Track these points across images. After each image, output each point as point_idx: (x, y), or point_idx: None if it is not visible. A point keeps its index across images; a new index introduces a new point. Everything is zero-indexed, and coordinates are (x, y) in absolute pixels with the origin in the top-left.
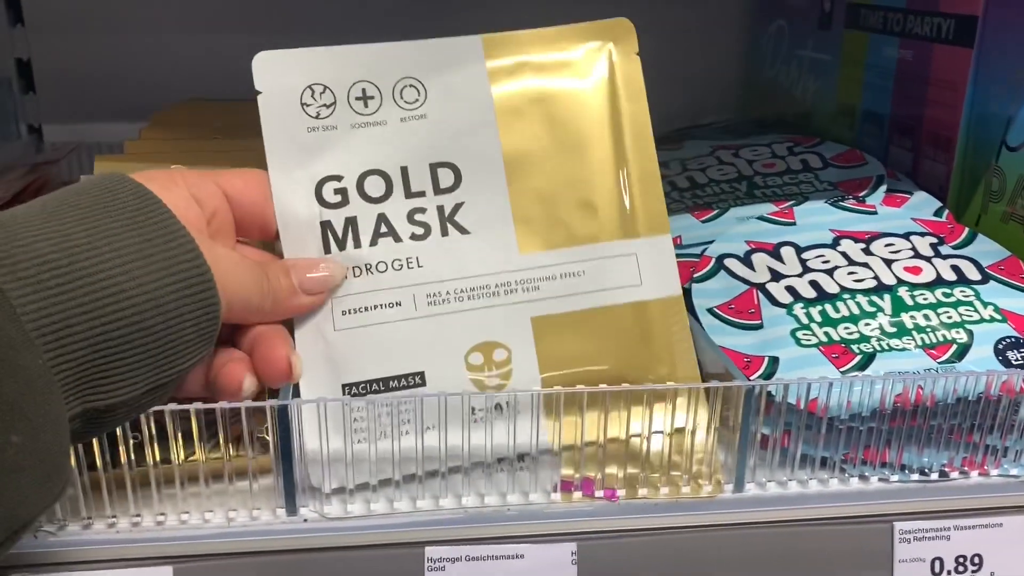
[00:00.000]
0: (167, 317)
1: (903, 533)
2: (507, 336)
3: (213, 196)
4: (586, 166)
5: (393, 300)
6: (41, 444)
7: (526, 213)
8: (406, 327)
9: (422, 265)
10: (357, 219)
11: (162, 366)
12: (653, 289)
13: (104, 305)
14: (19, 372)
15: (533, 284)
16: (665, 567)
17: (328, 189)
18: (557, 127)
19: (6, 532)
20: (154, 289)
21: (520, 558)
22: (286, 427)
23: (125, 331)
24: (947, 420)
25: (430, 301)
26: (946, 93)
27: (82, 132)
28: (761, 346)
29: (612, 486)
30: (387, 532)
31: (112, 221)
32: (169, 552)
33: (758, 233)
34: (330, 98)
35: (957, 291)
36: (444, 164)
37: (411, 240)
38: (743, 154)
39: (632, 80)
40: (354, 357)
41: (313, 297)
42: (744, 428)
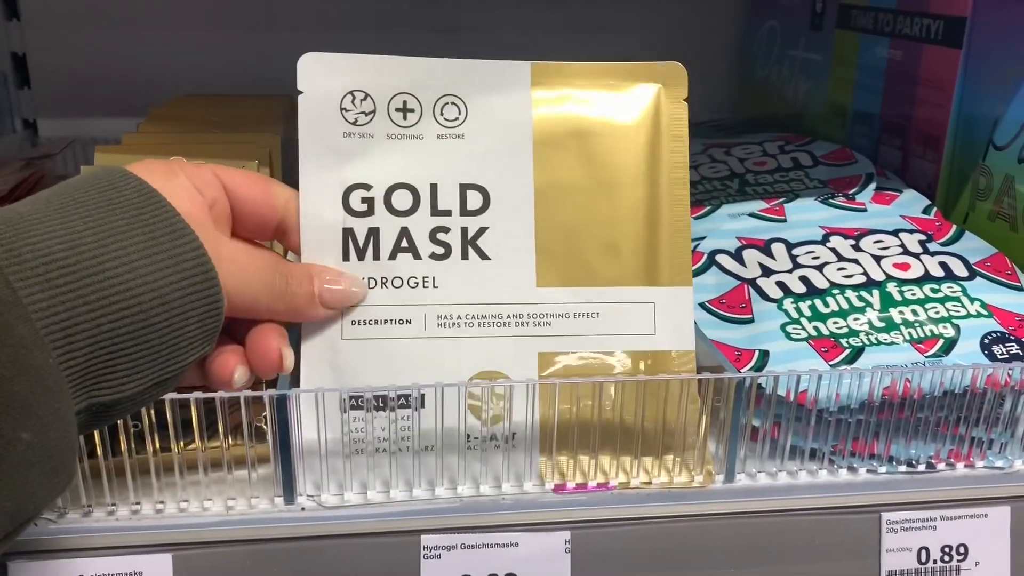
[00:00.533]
0: (172, 315)
1: (890, 523)
2: (512, 368)
3: (211, 186)
4: (617, 208)
5: (404, 317)
6: (50, 441)
7: (549, 246)
8: (413, 346)
9: (438, 286)
10: (380, 230)
11: (166, 362)
12: (666, 341)
13: (111, 303)
14: (31, 371)
15: (545, 319)
16: (657, 555)
17: (355, 197)
18: (593, 164)
19: (12, 525)
20: (160, 287)
21: (515, 546)
22: (284, 417)
23: (131, 329)
24: (934, 413)
25: (440, 323)
26: (935, 93)
27: (77, 127)
28: (752, 340)
29: (606, 479)
30: (383, 520)
31: (118, 219)
32: (168, 540)
33: (749, 230)
34: (370, 106)
35: (945, 287)
36: (474, 187)
37: (430, 259)
38: (735, 152)
39: (677, 127)
40: (358, 367)
41: (330, 311)
42: (735, 419)
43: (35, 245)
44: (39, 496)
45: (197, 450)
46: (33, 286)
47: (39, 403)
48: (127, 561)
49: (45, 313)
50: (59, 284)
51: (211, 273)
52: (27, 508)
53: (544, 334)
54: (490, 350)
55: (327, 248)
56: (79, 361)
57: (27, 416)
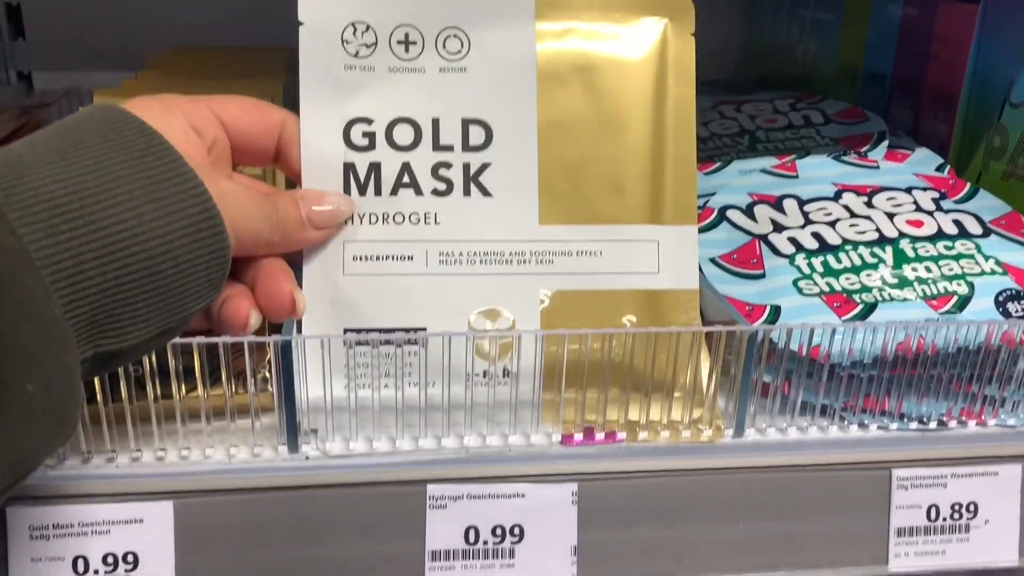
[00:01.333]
0: (178, 262)
1: (900, 480)
2: (513, 305)
3: (210, 124)
4: (621, 144)
5: (406, 253)
6: (54, 393)
7: (552, 183)
8: (415, 282)
9: (439, 222)
10: (381, 165)
11: (173, 309)
12: (670, 279)
13: (116, 251)
14: (37, 322)
15: (548, 257)
16: (664, 508)
17: (356, 131)
18: (598, 100)
19: (15, 476)
20: (165, 234)
21: (521, 497)
22: (289, 363)
23: (137, 276)
24: (947, 370)
25: (442, 260)
26: (950, 50)
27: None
28: (763, 295)
29: (613, 430)
30: (389, 470)
31: (119, 162)
32: (169, 487)
33: (761, 186)
34: (372, 38)
35: (958, 244)
36: (477, 121)
37: (432, 195)
38: (745, 109)
39: (683, 62)
40: (359, 303)
41: (320, 232)
42: (745, 373)
43: (37, 190)
44: (43, 447)
45: (199, 398)
46: (37, 232)
47: (45, 355)
48: (128, 508)
49: (50, 261)
50: (63, 231)
51: (217, 219)
52: (30, 459)
53: (546, 272)
54: (492, 287)
55: (328, 183)
56: (84, 311)
57: (33, 368)
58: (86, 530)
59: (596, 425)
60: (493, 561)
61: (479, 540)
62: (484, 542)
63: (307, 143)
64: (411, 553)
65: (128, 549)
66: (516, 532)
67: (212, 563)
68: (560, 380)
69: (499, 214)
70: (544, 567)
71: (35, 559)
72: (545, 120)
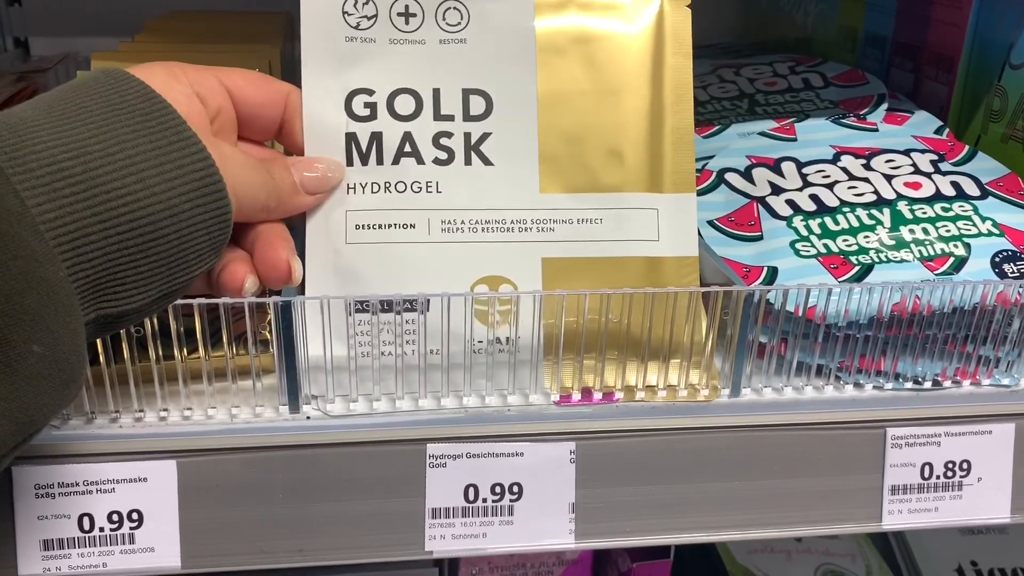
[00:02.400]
0: (180, 226)
1: (895, 439)
2: (515, 273)
3: (216, 93)
4: (620, 113)
5: (408, 222)
6: (61, 354)
7: (552, 152)
8: (417, 250)
9: (441, 191)
10: (383, 135)
11: (174, 274)
12: (670, 247)
13: (120, 215)
14: (42, 285)
15: (549, 225)
16: (661, 466)
17: (358, 102)
18: (596, 70)
19: (23, 435)
20: (168, 198)
21: (520, 456)
22: (289, 324)
23: (140, 240)
24: (942, 330)
25: (444, 228)
26: (951, 12)
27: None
28: (760, 256)
29: (611, 390)
30: (389, 429)
31: (122, 126)
32: (173, 447)
33: (759, 148)
34: (372, 10)
35: (956, 206)
36: (477, 92)
37: (433, 164)
38: (744, 72)
39: (680, 32)
40: (361, 272)
41: (313, 197)
42: (742, 334)
43: (40, 154)
44: (49, 407)
45: (201, 359)
46: (40, 196)
47: (50, 316)
48: (132, 467)
49: (53, 224)
50: (66, 195)
51: (220, 184)
52: (37, 419)
53: (547, 239)
54: (493, 255)
55: (330, 153)
56: (88, 274)
57: (39, 329)
58: (91, 488)
59: (594, 386)
60: (492, 518)
61: (478, 498)
62: (483, 500)
63: (309, 114)
64: (412, 511)
65: (132, 507)
66: (515, 490)
67: (215, 521)
68: (558, 341)
69: (500, 183)
70: (543, 524)
71: (41, 517)
72: (544, 90)
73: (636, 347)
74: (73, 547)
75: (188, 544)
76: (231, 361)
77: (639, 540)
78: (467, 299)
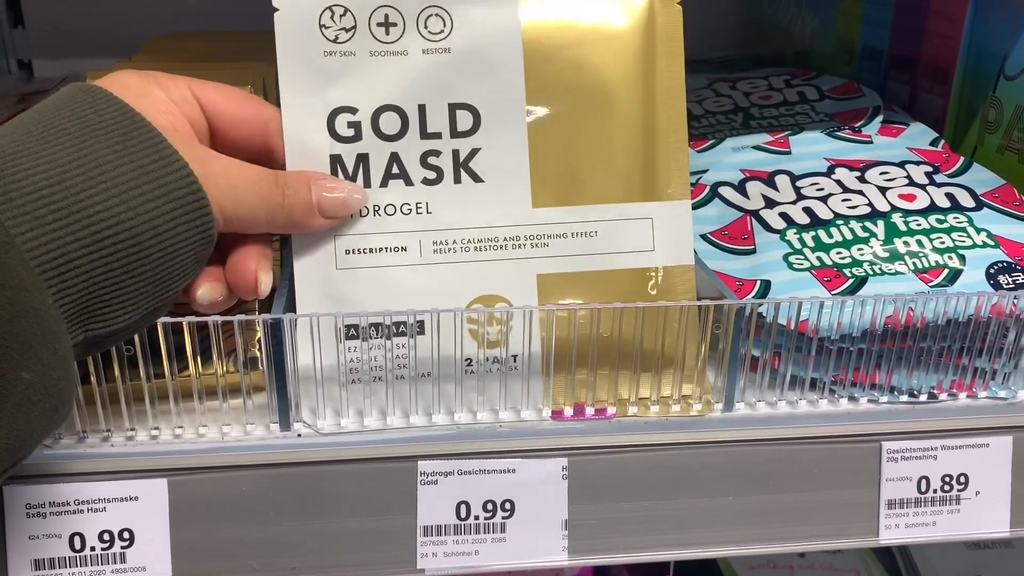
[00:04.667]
0: (165, 245)
1: (891, 452)
2: (510, 291)
3: (186, 103)
4: (612, 122)
5: (399, 244)
6: (50, 380)
7: (544, 166)
8: (409, 273)
9: (431, 211)
10: (369, 156)
11: (160, 291)
12: (665, 256)
13: (103, 238)
14: (30, 313)
15: (543, 241)
16: (654, 481)
17: (341, 122)
18: (586, 77)
19: (12, 460)
20: (152, 218)
21: (512, 472)
22: (279, 342)
23: (125, 261)
24: (937, 343)
25: (436, 249)
26: (945, 24)
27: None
28: (753, 270)
29: (603, 406)
30: (380, 447)
31: (102, 147)
32: (164, 465)
33: (753, 162)
34: (350, 21)
35: (951, 218)
36: (464, 106)
37: (423, 184)
38: (740, 87)
39: (671, 34)
40: (353, 297)
41: (329, 220)
42: (734, 348)
43: (20, 182)
44: (39, 432)
45: (192, 378)
46: (23, 224)
47: (39, 343)
48: (123, 486)
49: (38, 252)
50: (49, 222)
51: (203, 201)
52: (27, 444)
53: (542, 255)
54: (488, 274)
55: None
56: (74, 298)
57: (28, 356)
58: (82, 507)
59: (586, 401)
60: (485, 536)
61: (470, 515)
62: (475, 517)
63: (290, 135)
64: (403, 528)
65: (124, 526)
66: (507, 507)
67: (206, 539)
68: (549, 356)
69: (491, 199)
70: (535, 541)
71: (32, 536)
72: (534, 101)
73: (628, 362)
74: (64, 566)
75: (179, 563)
76: (221, 379)
77: (633, 556)
78: (458, 315)
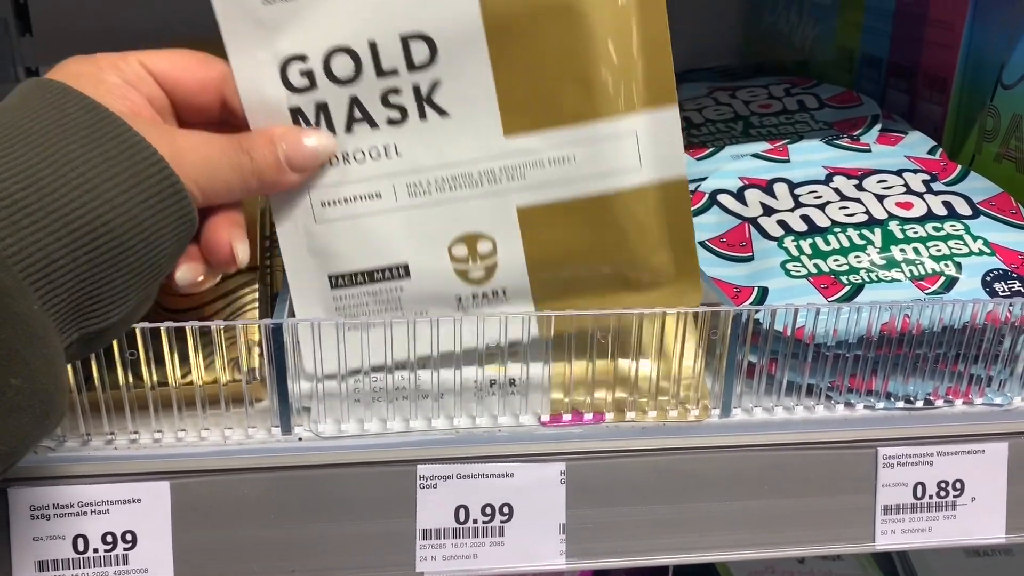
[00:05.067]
0: (146, 234)
1: (887, 458)
2: (491, 227)
3: (144, 81)
4: (582, 32)
5: (373, 191)
6: (39, 385)
7: (512, 89)
8: (388, 218)
9: (400, 153)
10: (328, 105)
11: (147, 280)
12: (654, 171)
13: (83, 235)
14: (16, 319)
15: (519, 172)
16: (652, 486)
17: (294, 71)
18: None
19: (3, 466)
20: (128, 209)
21: (510, 476)
22: (280, 346)
23: (109, 257)
24: (933, 349)
25: (411, 192)
26: (944, 33)
27: None
28: (751, 277)
29: (601, 410)
30: (380, 451)
31: (69, 143)
32: (166, 468)
33: (752, 170)
34: None
35: (947, 225)
36: (417, 36)
37: (388, 125)
38: (740, 95)
39: None
40: (337, 249)
41: (301, 174)
42: (731, 354)
43: None
44: (30, 438)
45: (195, 385)
46: (1, 232)
47: (26, 349)
48: (126, 488)
49: (19, 258)
50: (27, 226)
51: (178, 184)
52: (18, 450)
53: (519, 187)
54: (466, 212)
55: None
56: (63, 299)
57: (15, 362)
58: (85, 510)
59: (583, 405)
60: (483, 539)
61: (469, 519)
62: (474, 520)
63: (246, 94)
64: (402, 531)
65: (126, 528)
66: (505, 511)
67: (208, 541)
68: (547, 359)
69: (460, 133)
70: (534, 545)
71: (36, 538)
72: (492, 19)
73: (626, 367)
74: (68, 568)
75: (181, 564)
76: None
77: (630, 560)
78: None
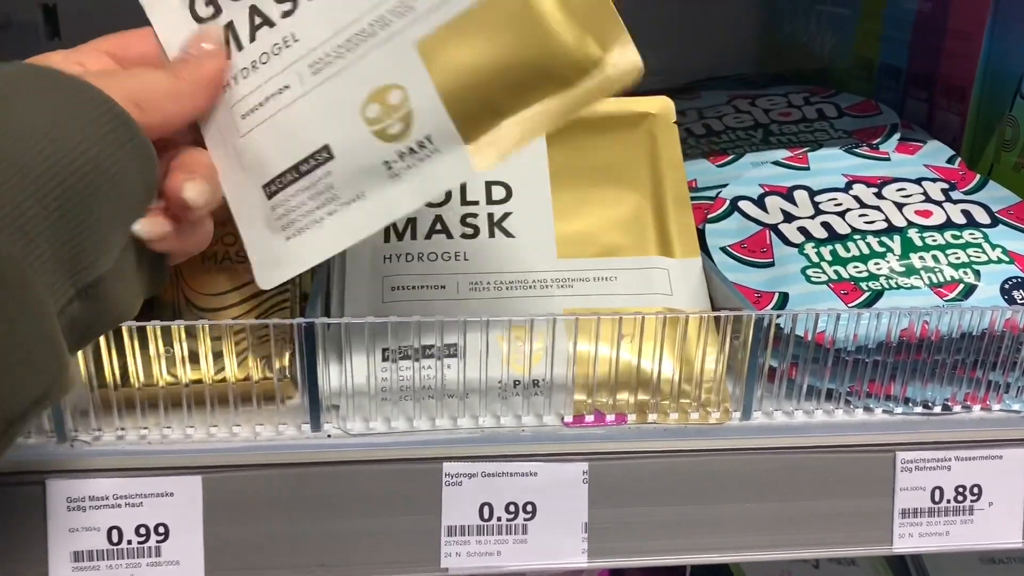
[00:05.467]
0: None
1: (905, 463)
2: (397, 74)
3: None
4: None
5: (281, 85)
6: (20, 336)
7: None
8: (300, 106)
9: (298, 39)
10: (233, 23)
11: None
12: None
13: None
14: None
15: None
16: (672, 487)
17: (200, 4)
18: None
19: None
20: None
21: (534, 475)
22: (312, 346)
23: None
24: (951, 355)
25: (314, 70)
26: (963, 43)
27: None
28: (772, 282)
29: (623, 412)
30: (407, 448)
31: (16, 101)
32: (198, 463)
33: (772, 177)
34: None
35: (966, 234)
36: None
37: (282, 18)
38: (759, 103)
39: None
40: (263, 156)
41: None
42: (752, 358)
43: None
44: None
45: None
46: None
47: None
48: (159, 482)
49: None
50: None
51: (125, 115)
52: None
53: (412, 20)
54: (368, 67)
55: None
56: (44, 250)
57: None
58: (120, 502)
59: (606, 407)
60: (507, 536)
61: (493, 516)
62: (498, 518)
63: (166, 42)
64: (428, 528)
65: (159, 521)
66: (529, 509)
67: (238, 535)
68: (571, 365)
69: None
70: (556, 543)
71: (72, 529)
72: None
73: (649, 371)
74: (102, 559)
75: (211, 557)
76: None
77: (651, 560)
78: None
